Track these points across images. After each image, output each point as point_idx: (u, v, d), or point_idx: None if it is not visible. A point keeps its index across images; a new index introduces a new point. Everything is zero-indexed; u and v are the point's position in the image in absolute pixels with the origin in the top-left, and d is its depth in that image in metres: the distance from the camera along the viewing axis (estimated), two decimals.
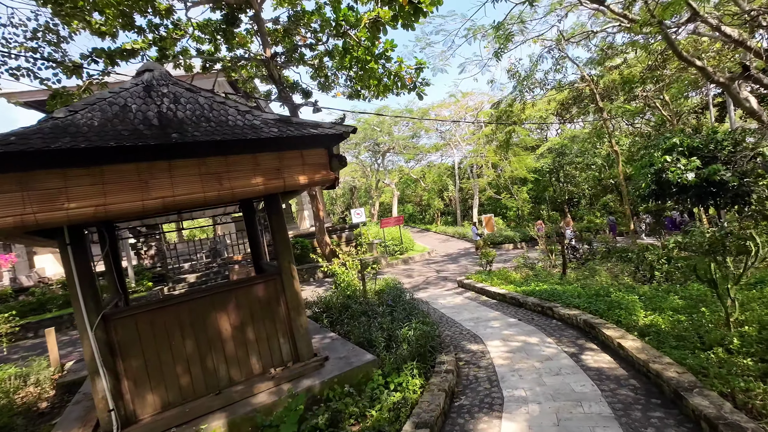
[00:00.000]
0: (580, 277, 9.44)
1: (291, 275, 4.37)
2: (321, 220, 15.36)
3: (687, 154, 10.02)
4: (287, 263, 4.36)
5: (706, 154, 9.90)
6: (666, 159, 9.95)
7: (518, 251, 19.52)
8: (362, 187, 45.86)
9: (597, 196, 30.09)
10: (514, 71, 13.67)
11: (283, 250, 4.37)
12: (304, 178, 3.95)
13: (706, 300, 5.68)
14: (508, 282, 9.47)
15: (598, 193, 29.69)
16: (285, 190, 3.85)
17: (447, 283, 12.55)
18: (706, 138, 10.08)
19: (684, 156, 9.89)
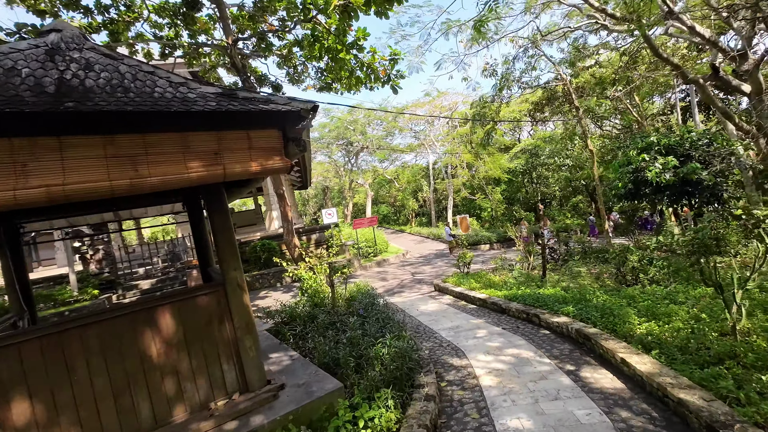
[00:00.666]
0: (560, 279, 9.05)
1: (238, 286, 3.55)
2: (289, 221, 14.39)
3: (663, 153, 9.89)
4: (233, 271, 3.54)
5: (681, 154, 9.81)
6: (644, 158, 9.78)
7: (494, 252, 19.28)
8: (335, 188, 44.86)
9: (567, 198, 30.65)
10: (489, 70, 13.31)
11: (229, 256, 3.55)
12: (252, 165, 3.15)
13: (699, 304, 5.31)
14: (487, 285, 8.95)
15: (568, 195, 30.24)
16: (226, 179, 3.04)
17: (423, 286, 11.95)
18: (682, 137, 10.00)
19: (661, 155, 9.75)
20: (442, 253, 19.37)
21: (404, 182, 40.09)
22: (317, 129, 32.11)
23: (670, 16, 10.16)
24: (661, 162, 9.57)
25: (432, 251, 20.96)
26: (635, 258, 8.14)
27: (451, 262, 16.24)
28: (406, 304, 9.00)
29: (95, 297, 12.44)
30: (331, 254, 16.54)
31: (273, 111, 3.19)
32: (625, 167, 10.16)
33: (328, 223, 16.71)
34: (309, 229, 17.25)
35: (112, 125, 2.64)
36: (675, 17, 10.04)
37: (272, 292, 13.69)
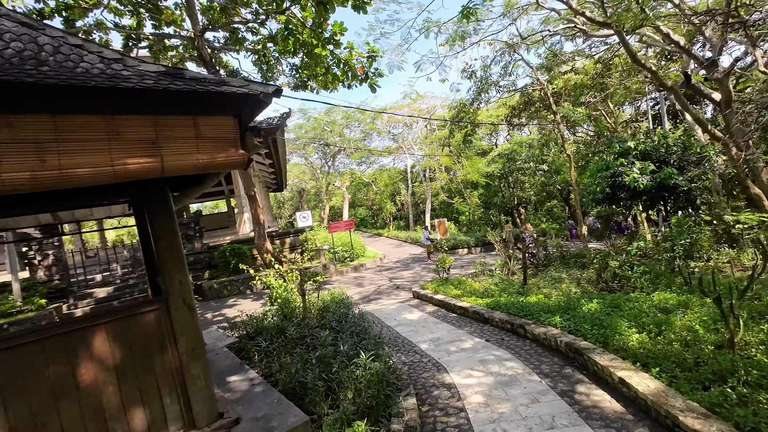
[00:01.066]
0: (541, 285, 8.83)
1: (184, 302, 2.98)
2: (261, 224, 13.66)
3: (640, 158, 9.91)
4: (178, 284, 2.97)
5: (657, 159, 9.85)
6: (622, 162, 9.75)
7: (472, 256, 19.12)
8: (312, 190, 43.96)
9: (542, 202, 31.09)
10: (468, 72, 13.13)
11: (172, 266, 2.98)
12: (200, 158, 2.61)
13: (689, 313, 5.11)
14: (468, 292, 8.62)
15: (542, 199, 30.67)
16: (165, 174, 2.49)
17: (401, 292, 11.52)
18: (658, 143, 10.06)
19: (638, 160, 9.76)
20: (420, 258, 19.04)
21: (382, 185, 39.72)
22: (293, 130, 31.35)
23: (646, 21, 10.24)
24: (639, 167, 9.56)
25: (410, 255, 20.61)
26: (616, 264, 8.01)
27: (429, 267, 15.91)
28: (383, 312, 8.53)
29: (42, 307, 11.30)
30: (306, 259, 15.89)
31: (226, 94, 2.66)
32: (603, 171, 10.12)
33: (302, 227, 16.05)
34: (283, 232, 16.53)
35: (6, 102, 2.05)
36: (652, 24, 10.12)
37: (242, 300, 12.94)
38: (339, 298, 7.59)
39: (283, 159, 21.36)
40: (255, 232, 13.84)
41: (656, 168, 9.41)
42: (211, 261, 15.04)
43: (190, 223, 14.87)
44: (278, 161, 20.97)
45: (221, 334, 6.62)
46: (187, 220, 15.11)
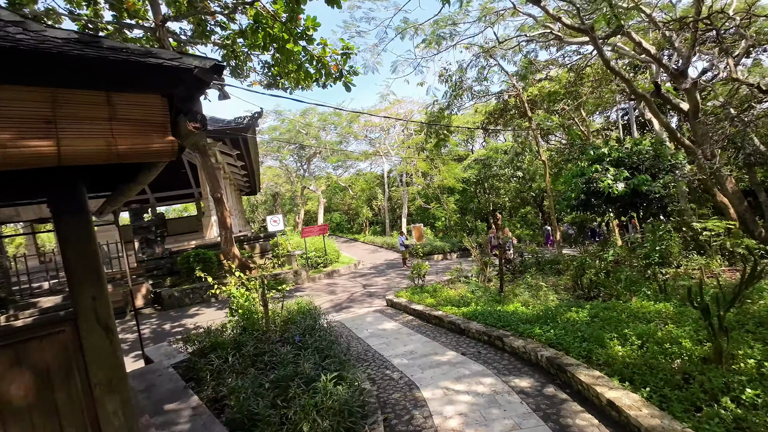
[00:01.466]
0: (518, 293, 8.61)
1: (98, 323, 2.43)
2: (228, 228, 12.91)
3: (614, 164, 9.94)
4: (91, 301, 2.42)
5: (630, 166, 9.90)
6: (597, 168, 9.74)
7: (447, 262, 18.92)
8: (287, 194, 42.92)
9: (516, 208, 31.51)
10: (446, 76, 12.97)
11: (84, 278, 2.42)
12: (115, 143, 2.10)
13: (669, 323, 4.92)
14: (443, 300, 8.27)
15: (517, 205, 31.09)
16: (63, 162, 1.96)
17: (374, 300, 11.07)
18: (630, 150, 10.13)
19: (613, 166, 9.77)
20: (395, 264, 18.66)
21: (359, 190, 39.25)
22: (267, 132, 30.42)
23: (620, 30, 10.37)
24: (613, 173, 9.56)
25: (385, 261, 20.20)
26: (592, 271, 7.88)
27: (404, 273, 15.54)
28: (355, 322, 8.05)
29: None
30: (276, 265, 15.20)
31: (151, 66, 2.15)
32: (578, 177, 10.08)
33: (273, 231, 15.35)
34: (252, 237, 15.76)
35: None
36: (625, 32, 10.25)
37: (205, 309, 12.13)
38: (306, 308, 7.06)
39: (255, 161, 20.56)
40: (221, 237, 13.07)
41: (630, 175, 9.44)
42: (173, 267, 14.10)
43: (151, 227, 13.91)
44: (251, 163, 20.16)
45: (172, 350, 5.96)
46: (147, 222, 14.13)
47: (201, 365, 4.80)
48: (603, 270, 7.84)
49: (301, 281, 14.55)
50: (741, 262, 9.73)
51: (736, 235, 10.36)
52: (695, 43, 10.23)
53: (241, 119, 15.41)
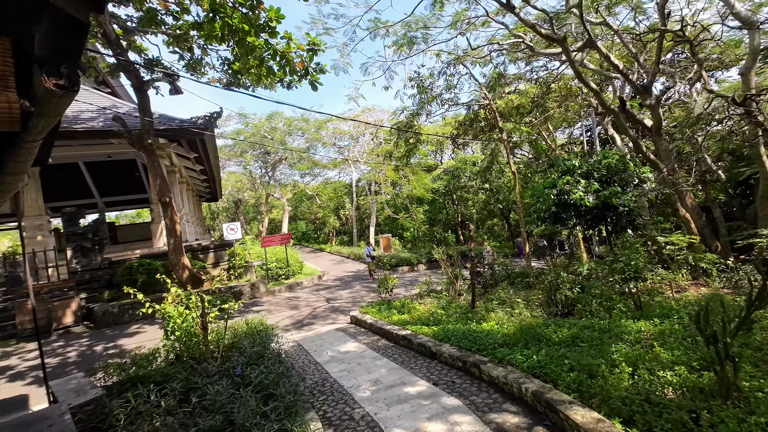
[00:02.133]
0: (490, 308, 8.13)
1: None
2: (177, 236, 11.68)
3: (584, 176, 9.83)
4: None
5: (599, 178, 9.82)
6: (568, 180, 9.56)
7: (415, 274, 18.39)
8: (250, 201, 41.14)
9: (483, 220, 31.68)
10: (416, 80, 12.60)
11: None
12: None
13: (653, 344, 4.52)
14: (412, 317, 7.63)
15: (484, 218, 31.28)
16: None
17: (338, 316, 10.26)
18: (599, 162, 10.08)
19: (584, 178, 9.64)
20: (361, 275, 17.89)
21: (326, 199, 38.27)
22: (231, 135, 28.94)
23: (590, 43, 10.42)
24: (584, 185, 9.41)
25: (351, 273, 19.38)
26: (567, 286, 7.54)
27: (371, 285, 14.82)
28: (315, 343, 7.21)
29: None
30: (233, 276, 14.00)
31: None
32: (549, 189, 9.87)
33: (230, 240, 14.17)
34: (206, 246, 14.49)
35: None
36: (594, 45, 10.31)
37: (147, 327, 10.82)
38: (257, 329, 6.18)
39: (215, 165, 19.26)
40: (169, 246, 11.80)
41: (600, 187, 9.32)
42: (113, 279, 12.58)
43: (87, 233, 12.37)
44: (210, 167, 18.85)
45: (86, 384, 4.89)
46: (83, 229, 12.57)
47: (114, 407, 3.83)
48: (578, 285, 7.51)
49: (260, 294, 13.45)
50: (705, 277, 9.86)
51: (699, 249, 10.52)
52: (660, 58, 10.43)
53: (197, 119, 14.25)
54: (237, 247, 15.10)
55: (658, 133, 11.54)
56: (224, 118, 28.05)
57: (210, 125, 14.36)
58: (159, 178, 11.18)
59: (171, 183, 17.49)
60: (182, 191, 20.30)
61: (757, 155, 10.05)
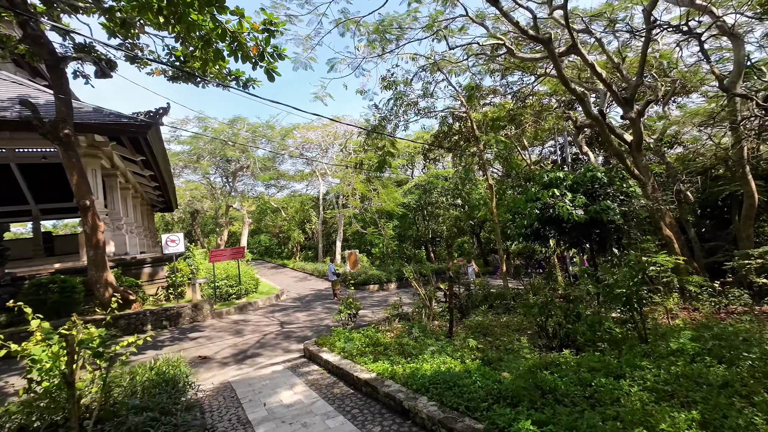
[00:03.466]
0: (470, 336, 6.88)
1: None
2: (100, 247, 9.70)
3: (570, 189, 8.98)
4: None
5: (585, 192, 9.00)
6: (554, 192, 8.66)
7: (384, 293, 17.00)
8: (209, 212, 38.38)
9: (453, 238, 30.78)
10: (389, 80, 11.57)
11: None
12: None
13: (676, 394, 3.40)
14: (379, 351, 6.22)
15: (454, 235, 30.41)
16: None
17: (291, 344, 8.66)
18: (584, 175, 9.29)
19: (570, 191, 8.78)
20: (324, 295, 16.26)
21: (292, 212, 36.32)
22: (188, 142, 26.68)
23: (573, 49, 9.82)
24: (570, 198, 8.53)
25: (313, 291, 17.69)
26: (560, 314, 6.45)
27: (333, 307, 13.26)
28: (252, 388, 5.61)
29: None
30: (171, 296, 11.97)
31: None
32: (532, 203, 8.93)
33: (170, 254, 12.22)
34: (140, 260, 12.43)
35: None
36: (578, 50, 9.70)
37: None
38: (165, 377, 4.55)
39: (165, 170, 17.18)
40: (89, 258, 9.78)
41: (588, 201, 8.47)
42: (15, 298, 10.28)
43: None
44: (160, 172, 16.75)
45: None
46: None
47: None
48: (572, 313, 6.44)
49: (202, 317, 11.54)
50: (692, 300, 9.15)
51: (684, 271, 9.89)
52: (643, 67, 9.95)
53: (139, 114, 12.37)
54: (179, 262, 13.12)
55: (638, 148, 11.03)
56: (181, 120, 25.92)
57: (155, 122, 12.49)
58: (77, 176, 9.26)
59: (111, 188, 15.31)
60: (127, 198, 18.00)
61: (743, 175, 9.68)
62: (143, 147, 13.20)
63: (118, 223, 14.65)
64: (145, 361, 7.68)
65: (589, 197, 8.94)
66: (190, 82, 10.50)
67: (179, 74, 10.49)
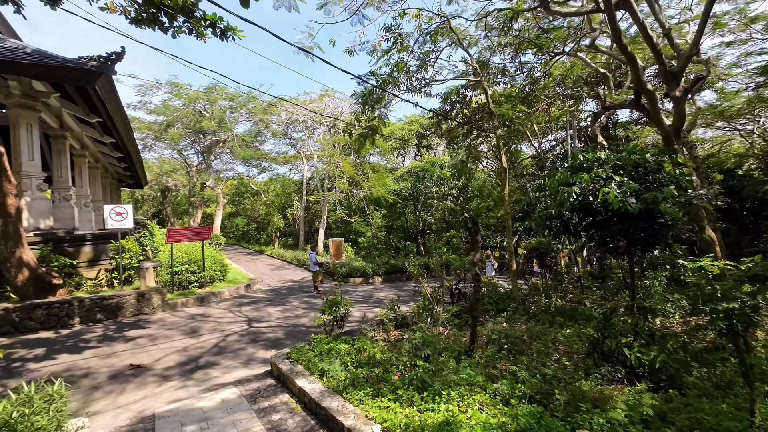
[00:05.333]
0: (495, 353, 5.11)
1: None
2: (10, 215, 7.44)
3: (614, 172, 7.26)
4: None
5: (630, 177, 7.29)
6: (598, 174, 6.92)
7: (369, 288, 15.12)
8: (182, 191, 35.52)
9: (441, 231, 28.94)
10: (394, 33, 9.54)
11: None
12: None
13: None
14: (379, 377, 4.37)
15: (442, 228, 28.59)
16: None
17: (257, 351, 6.72)
18: (626, 158, 7.59)
19: (617, 174, 7.06)
20: (303, 286, 14.27)
21: (273, 195, 33.86)
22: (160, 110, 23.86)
23: (624, 3, 8.07)
24: (617, 182, 6.82)
25: (291, 282, 15.67)
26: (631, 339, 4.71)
27: (313, 302, 11.31)
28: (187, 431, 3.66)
29: None
30: (116, 281, 9.85)
31: None
32: (568, 188, 7.15)
33: (114, 229, 9.95)
34: (78, 237, 10.12)
35: None
36: (628, 5, 7.95)
37: None
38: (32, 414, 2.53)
39: (128, 136, 14.64)
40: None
41: (641, 188, 6.76)
42: None
43: None
44: (121, 138, 14.24)
45: None
46: None
47: None
48: (641, 330, 4.71)
49: (150, 310, 9.40)
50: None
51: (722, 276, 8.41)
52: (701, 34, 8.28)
53: (86, 59, 9.87)
54: (128, 241, 10.86)
55: (678, 134, 9.43)
56: (149, 86, 23.12)
57: (105, 69, 10.03)
58: None
59: (58, 151, 12.83)
60: (82, 167, 15.52)
61: None
62: (95, 102, 10.75)
63: (66, 194, 12.26)
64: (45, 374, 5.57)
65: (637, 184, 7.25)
66: (156, 26, 8.14)
67: (142, 15, 8.10)
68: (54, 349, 6.80)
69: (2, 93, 9.89)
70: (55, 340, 7.31)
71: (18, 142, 9.97)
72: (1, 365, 5.96)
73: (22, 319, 7.61)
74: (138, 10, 7.92)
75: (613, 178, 6.98)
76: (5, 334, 7.40)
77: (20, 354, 6.51)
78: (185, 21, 7.50)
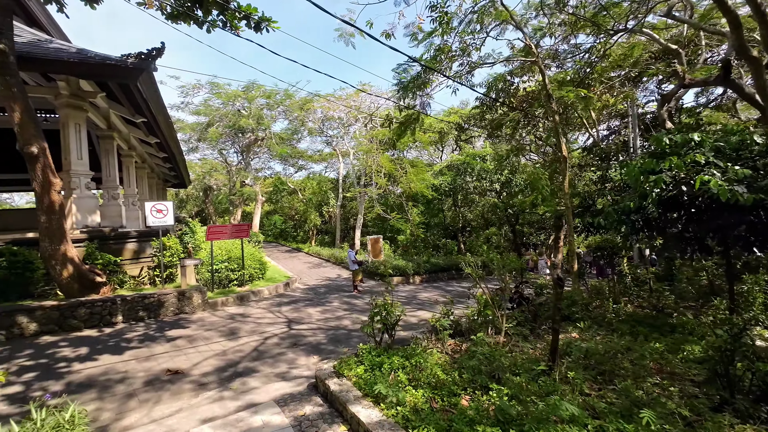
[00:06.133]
0: (580, 374, 4.20)
1: None
2: (54, 212, 7.35)
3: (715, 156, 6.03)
4: None
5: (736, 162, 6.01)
6: (695, 159, 5.75)
7: (411, 288, 14.38)
8: (222, 191, 36.42)
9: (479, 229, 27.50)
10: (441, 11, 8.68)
11: None
12: None
13: None
14: (448, 406, 3.63)
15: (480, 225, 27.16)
16: None
17: (299, 358, 6.17)
18: (727, 139, 6.30)
19: (721, 158, 5.84)
20: (341, 285, 13.77)
21: (310, 193, 33.92)
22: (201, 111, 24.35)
23: None
24: (722, 168, 5.62)
25: (328, 280, 15.24)
26: None
27: (353, 302, 10.72)
28: None
29: None
30: (158, 279, 9.74)
31: None
32: (655, 176, 6.01)
33: (155, 226, 9.84)
34: (122, 234, 10.09)
35: None
36: None
37: None
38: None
39: (170, 136, 14.78)
40: (41, 227, 7.45)
41: (753, 174, 5.53)
42: None
43: None
44: (164, 137, 14.36)
45: None
46: None
47: None
48: None
49: (191, 309, 9.17)
50: None
51: None
52: None
53: (127, 56, 9.75)
54: (170, 238, 10.76)
55: None
56: (191, 87, 23.60)
57: (146, 65, 9.89)
58: (20, 113, 6.85)
59: (106, 151, 13.06)
60: (130, 167, 15.90)
61: None
62: (139, 101, 10.73)
63: (113, 192, 12.43)
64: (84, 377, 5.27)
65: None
66: (192, 20, 7.77)
67: (178, 9, 7.73)
68: (96, 348, 6.60)
69: (52, 93, 10.03)
70: (98, 339, 7.15)
71: (67, 141, 10.08)
72: (43, 365, 5.78)
73: (66, 317, 7.54)
74: (174, 5, 7.57)
75: (714, 163, 5.77)
76: (50, 332, 7.34)
77: (63, 354, 6.34)
78: (219, 14, 7.10)
